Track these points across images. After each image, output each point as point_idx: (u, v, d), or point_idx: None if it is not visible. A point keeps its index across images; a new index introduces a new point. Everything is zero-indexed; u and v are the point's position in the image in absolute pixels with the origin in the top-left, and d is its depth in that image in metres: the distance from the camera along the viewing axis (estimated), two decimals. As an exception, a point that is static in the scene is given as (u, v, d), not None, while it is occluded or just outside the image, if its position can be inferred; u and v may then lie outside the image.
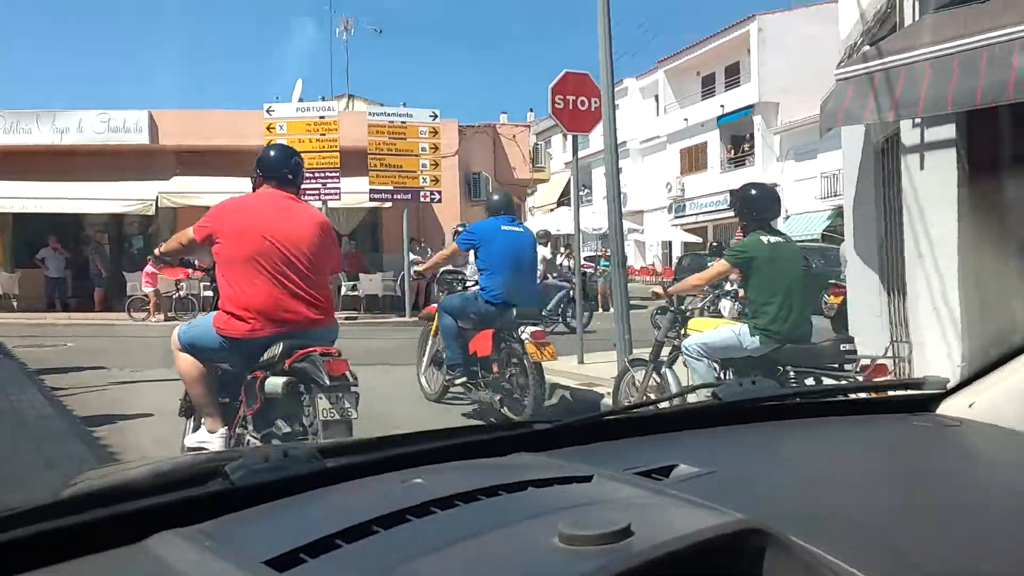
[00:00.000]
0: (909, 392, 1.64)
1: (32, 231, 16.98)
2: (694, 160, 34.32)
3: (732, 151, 32.80)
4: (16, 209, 15.39)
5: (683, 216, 34.29)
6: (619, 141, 7.10)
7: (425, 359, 6.51)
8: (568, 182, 31.22)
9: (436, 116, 15.76)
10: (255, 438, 3.50)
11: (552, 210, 39.34)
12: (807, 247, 17.39)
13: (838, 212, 23.82)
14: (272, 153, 3.85)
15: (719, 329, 4.65)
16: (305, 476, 0.96)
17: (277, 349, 3.41)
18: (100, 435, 5.03)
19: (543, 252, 11.42)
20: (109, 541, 0.78)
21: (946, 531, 0.87)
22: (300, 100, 16.75)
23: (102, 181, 16.36)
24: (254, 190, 3.84)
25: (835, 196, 25.39)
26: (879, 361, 4.39)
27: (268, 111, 15.42)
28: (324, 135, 15.31)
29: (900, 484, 1.08)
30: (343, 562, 0.73)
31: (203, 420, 3.68)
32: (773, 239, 4.64)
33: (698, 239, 32.22)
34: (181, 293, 15.49)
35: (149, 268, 15.44)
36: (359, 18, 30.78)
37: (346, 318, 14.63)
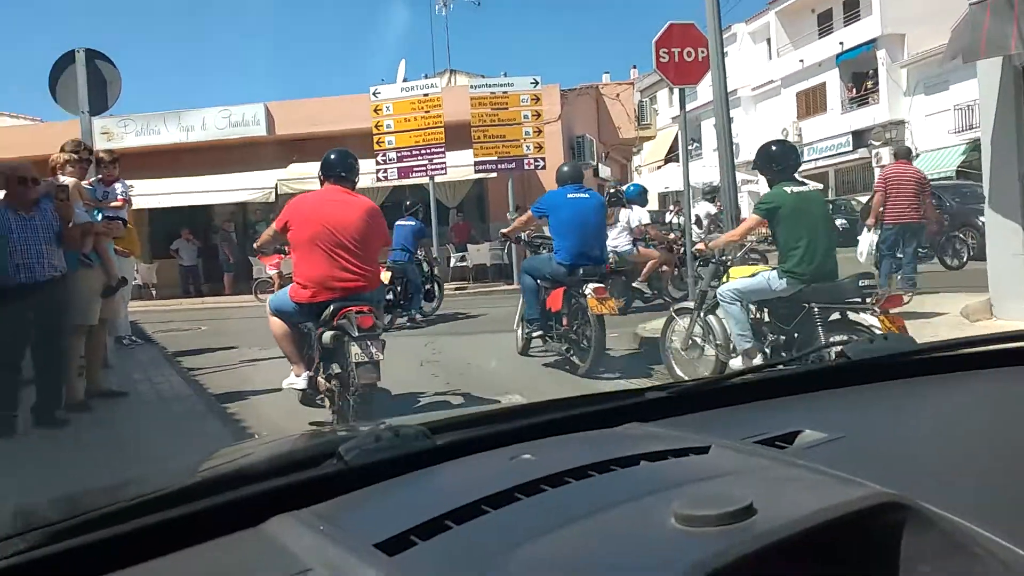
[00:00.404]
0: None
1: (166, 224, 18.17)
2: (812, 103, 32.58)
3: (854, 89, 30.89)
4: (151, 205, 16.45)
5: (802, 162, 32.75)
6: (729, 90, 6.81)
7: (517, 317, 7.07)
8: (676, 137, 30.42)
9: (537, 83, 15.64)
10: (323, 378, 4.53)
11: (660, 167, 38.52)
12: (941, 185, 16.24)
13: (974, 146, 22.08)
14: (331, 157, 4.78)
15: (752, 276, 5.09)
16: (416, 454, 0.96)
17: (329, 310, 4.35)
18: (232, 411, 5.31)
19: (638, 213, 10.30)
20: (230, 526, 0.80)
21: None
22: (404, 80, 17.03)
23: (226, 173, 17.32)
24: (321, 186, 4.78)
25: (970, 129, 23.54)
26: (892, 293, 4.67)
27: (374, 94, 15.77)
28: (428, 112, 15.52)
29: None
30: (452, 544, 0.71)
31: (291, 367, 4.74)
32: (796, 188, 5.02)
33: (819, 185, 30.64)
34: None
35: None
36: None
37: (456, 288, 14.90)
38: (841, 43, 30.23)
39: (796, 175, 5.22)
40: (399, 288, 9.74)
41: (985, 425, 1.05)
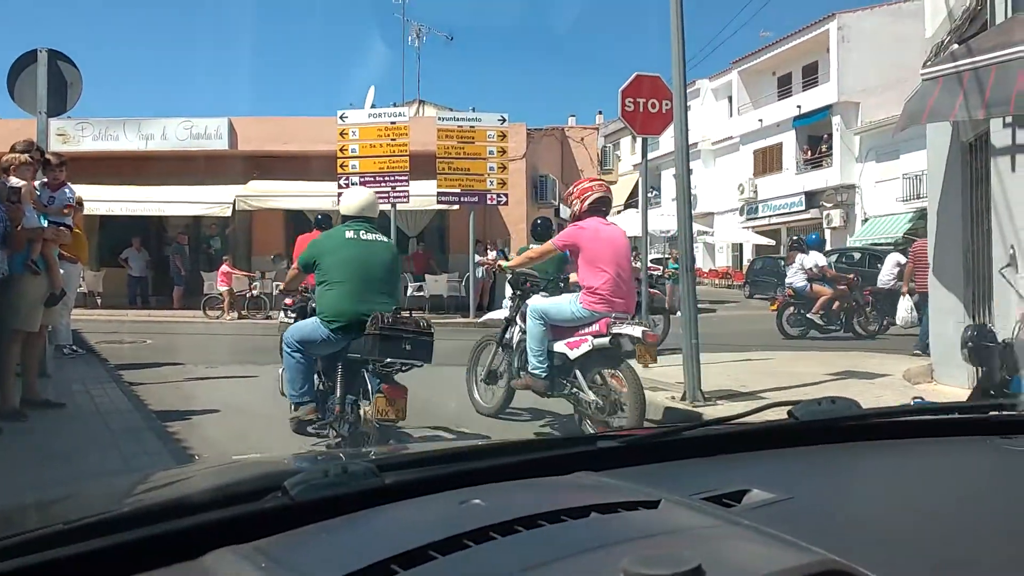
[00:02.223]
0: (1003, 413, 1.53)
1: (117, 232, 17.72)
2: (768, 161, 33.50)
3: (809, 152, 31.88)
4: (103, 212, 16.05)
5: (755, 218, 33.52)
6: (691, 143, 6.96)
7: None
8: (636, 184, 30.92)
9: (504, 120, 15.83)
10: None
11: (619, 212, 39.00)
12: (884, 249, 16.77)
13: (920, 215, 22.88)
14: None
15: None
16: (364, 492, 0.94)
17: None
18: (174, 430, 5.16)
19: (814, 257, 12.40)
20: (166, 557, 0.78)
21: None
22: (372, 106, 17.05)
23: (183, 185, 17.03)
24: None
25: (918, 198, 24.42)
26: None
27: (341, 117, 15.75)
28: (395, 140, 15.55)
29: (994, 515, 0.99)
30: None
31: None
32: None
33: (771, 241, 31.45)
34: (254, 292, 15.98)
35: (225, 268, 15.98)
36: (430, 26, 31.10)
37: (412, 319, 14.75)
38: (799, 106, 31.25)
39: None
40: None
41: (928, 495, 1.07)
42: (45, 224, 6.12)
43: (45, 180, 6.68)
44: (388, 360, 4.23)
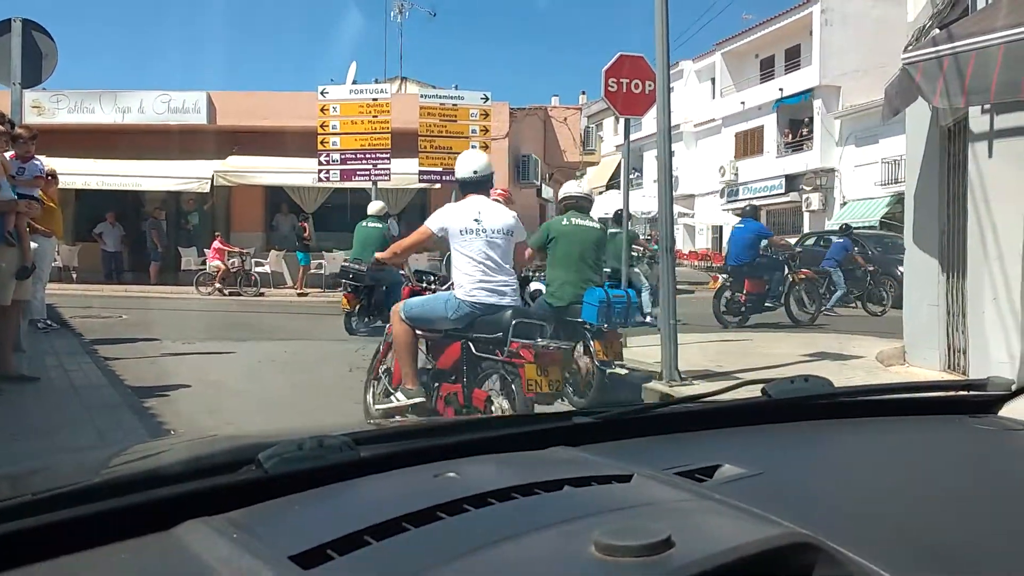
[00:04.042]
0: (971, 393, 1.56)
1: (93, 207, 17.45)
2: (749, 144, 33.61)
3: (789, 135, 32.01)
4: (78, 185, 15.79)
5: (736, 200, 33.67)
6: (673, 124, 6.96)
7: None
8: (618, 165, 30.93)
9: (487, 99, 15.71)
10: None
11: (601, 193, 39.01)
12: (865, 234, 16.90)
13: (898, 199, 23.09)
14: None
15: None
16: (339, 466, 0.94)
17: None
18: (149, 405, 5.13)
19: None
20: (139, 528, 0.77)
21: (1010, 544, 0.81)
22: (354, 83, 16.87)
23: (161, 160, 16.77)
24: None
25: (896, 183, 24.63)
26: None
27: (322, 93, 15.55)
28: (376, 117, 15.40)
29: (961, 492, 1.01)
30: (370, 561, 0.70)
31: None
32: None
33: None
34: (247, 269, 15.91)
35: (217, 244, 15.86)
36: (413, 1, 30.68)
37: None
38: (781, 89, 31.31)
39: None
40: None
41: (897, 471, 1.09)
42: (16, 197, 6.03)
43: (14, 153, 6.57)
44: None
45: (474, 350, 4.19)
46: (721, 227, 34.65)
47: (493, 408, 4.05)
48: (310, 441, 0.95)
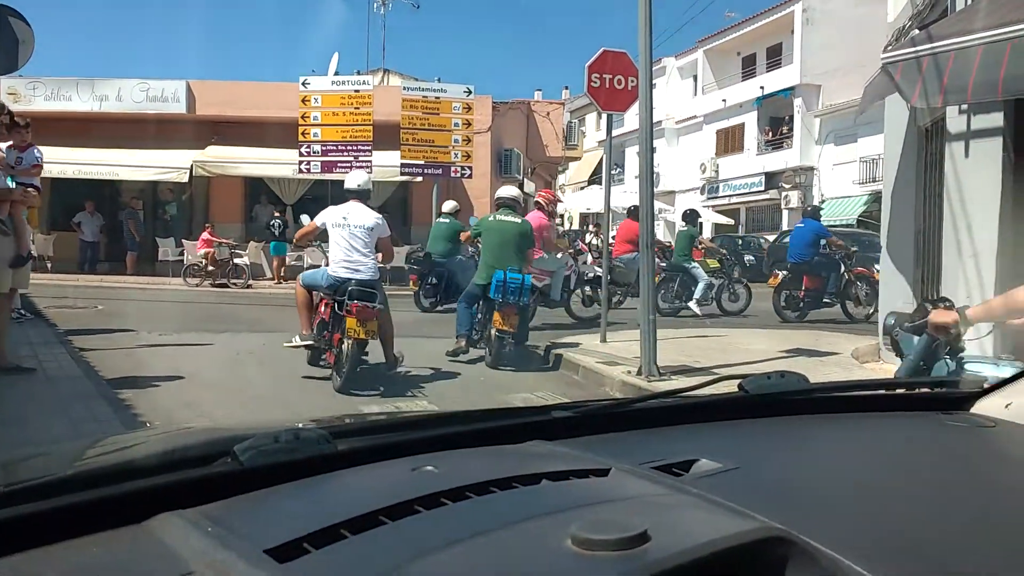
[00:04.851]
0: (944, 390, 1.58)
1: (69, 195, 17.22)
2: (730, 141, 33.78)
3: (770, 133, 32.22)
4: (55, 174, 15.51)
5: (716, 197, 33.88)
6: (654, 121, 6.99)
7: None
8: (600, 160, 30.96)
9: (470, 92, 15.67)
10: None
11: (582, 188, 39.10)
12: (842, 232, 17.02)
13: (875, 197, 23.32)
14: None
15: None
16: (315, 459, 0.94)
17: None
18: (124, 397, 5.07)
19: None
20: (112, 520, 0.77)
21: (981, 538, 0.82)
22: (336, 74, 16.75)
23: (139, 149, 16.56)
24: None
25: (873, 181, 24.89)
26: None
27: (304, 84, 15.45)
28: (358, 108, 15.32)
29: (933, 487, 1.03)
30: (346, 555, 0.70)
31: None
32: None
33: (730, 221, 31.83)
34: (235, 261, 15.75)
35: (206, 235, 15.68)
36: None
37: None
38: (762, 87, 31.51)
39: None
40: None
41: (871, 467, 1.10)
42: (13, 185, 5.96)
43: (11, 143, 6.49)
44: None
45: (336, 308, 5.83)
46: (701, 224, 34.79)
47: (344, 347, 5.68)
48: (286, 434, 0.95)
